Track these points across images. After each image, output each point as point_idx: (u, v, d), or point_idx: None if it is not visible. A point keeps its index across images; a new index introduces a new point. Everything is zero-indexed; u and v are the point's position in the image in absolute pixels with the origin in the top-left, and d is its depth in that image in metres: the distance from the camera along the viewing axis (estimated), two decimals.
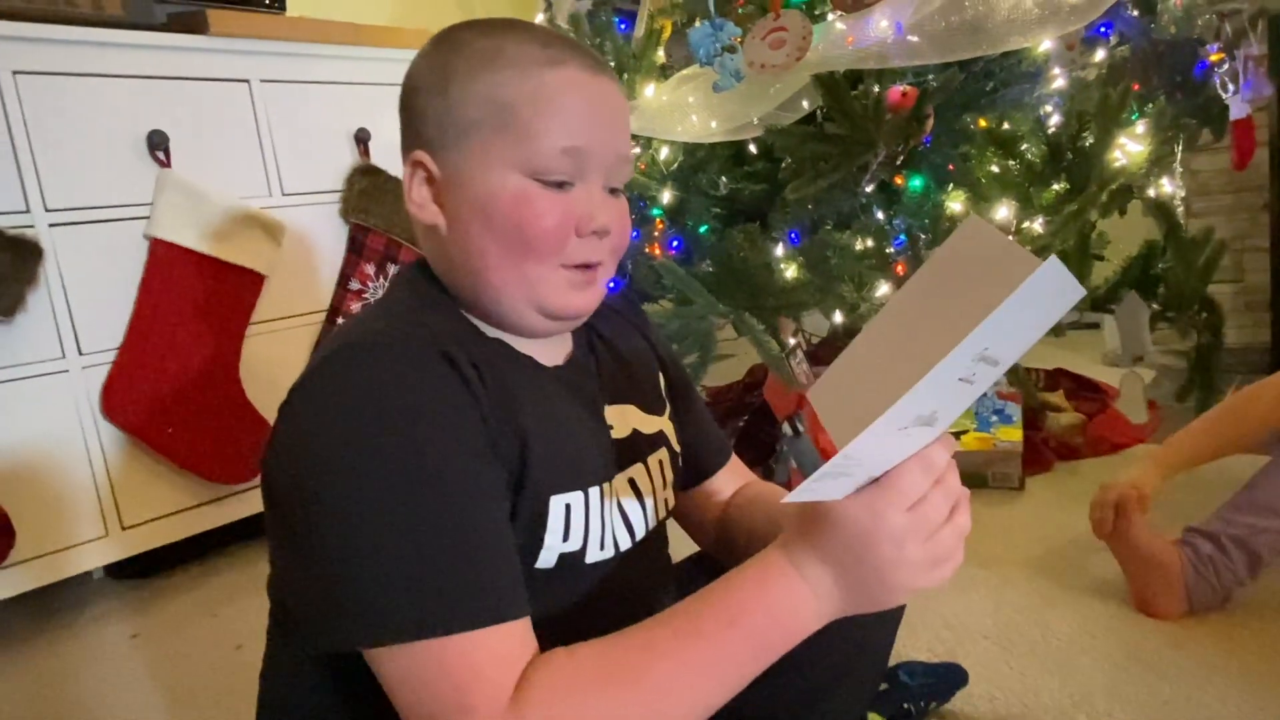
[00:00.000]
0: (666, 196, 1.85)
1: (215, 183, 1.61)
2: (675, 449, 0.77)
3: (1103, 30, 1.81)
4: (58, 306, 1.46)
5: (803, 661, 0.57)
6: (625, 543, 0.68)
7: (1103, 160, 1.64)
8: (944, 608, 1.29)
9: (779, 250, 1.74)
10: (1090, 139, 1.67)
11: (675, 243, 1.89)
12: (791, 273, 1.71)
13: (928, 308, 0.45)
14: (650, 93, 1.79)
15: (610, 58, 1.85)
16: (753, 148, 1.87)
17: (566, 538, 0.62)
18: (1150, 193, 1.88)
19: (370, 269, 1.84)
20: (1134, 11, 1.81)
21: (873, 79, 1.63)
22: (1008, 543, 1.49)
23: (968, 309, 0.42)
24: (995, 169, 1.70)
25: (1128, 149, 1.72)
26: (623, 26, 2.02)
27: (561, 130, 0.61)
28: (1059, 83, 1.74)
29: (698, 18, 1.82)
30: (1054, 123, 1.76)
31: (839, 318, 1.81)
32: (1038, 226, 1.63)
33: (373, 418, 0.53)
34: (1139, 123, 1.79)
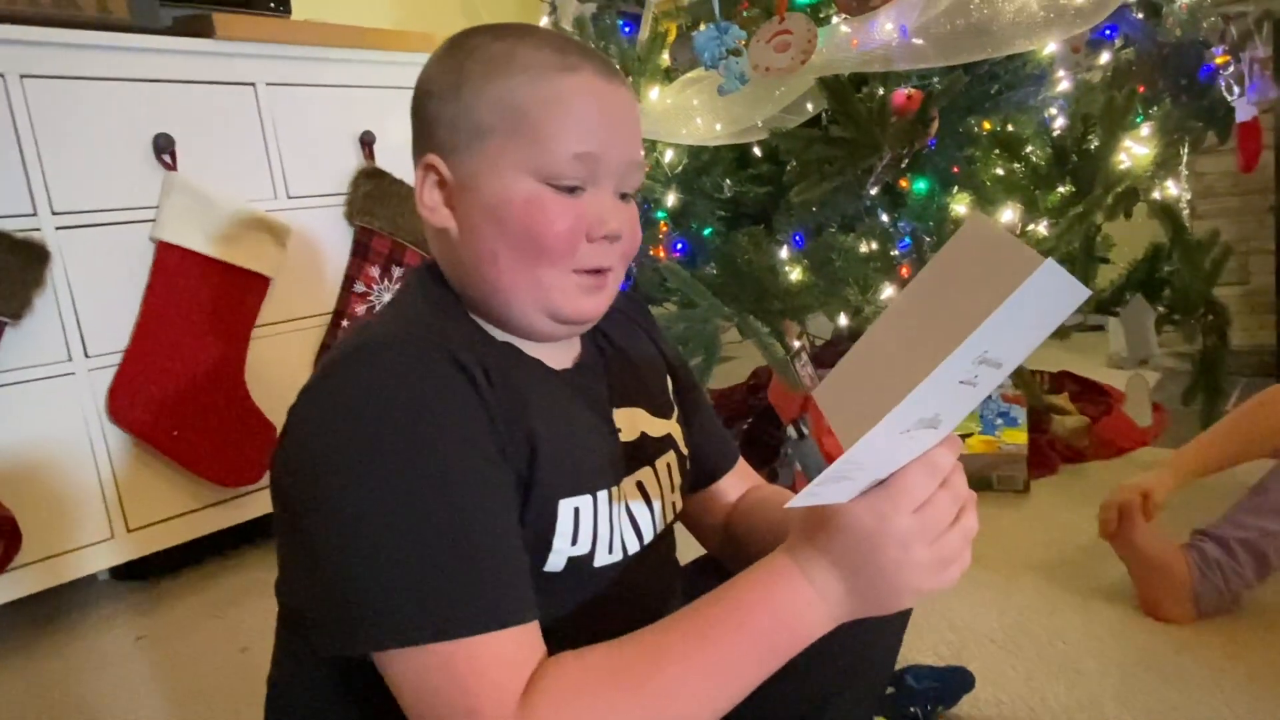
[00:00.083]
0: (671, 199, 1.85)
1: (221, 186, 1.62)
2: (683, 452, 0.77)
3: (1108, 33, 1.80)
4: (64, 309, 1.46)
5: (809, 665, 0.56)
6: (634, 546, 0.68)
7: (1108, 163, 1.64)
8: (950, 611, 1.28)
9: (783, 253, 1.74)
10: (1095, 142, 1.67)
11: (680, 245, 1.89)
12: (796, 275, 1.71)
13: (929, 309, 0.45)
14: (655, 96, 1.79)
15: (615, 61, 1.85)
16: (757, 150, 1.87)
17: (575, 541, 0.62)
18: (1155, 195, 1.87)
19: (375, 272, 1.84)
20: (1139, 14, 1.80)
21: (878, 82, 1.64)
22: (1013, 546, 1.49)
23: (967, 312, 0.42)
24: (1000, 172, 1.70)
25: (1133, 152, 1.72)
26: (627, 29, 2.02)
27: (574, 135, 0.61)
28: (1064, 85, 1.74)
29: (702, 21, 1.82)
30: (1059, 125, 1.76)
31: (844, 320, 1.81)
32: (1043, 229, 1.63)
33: (381, 421, 0.53)
34: (1144, 125, 1.79)
